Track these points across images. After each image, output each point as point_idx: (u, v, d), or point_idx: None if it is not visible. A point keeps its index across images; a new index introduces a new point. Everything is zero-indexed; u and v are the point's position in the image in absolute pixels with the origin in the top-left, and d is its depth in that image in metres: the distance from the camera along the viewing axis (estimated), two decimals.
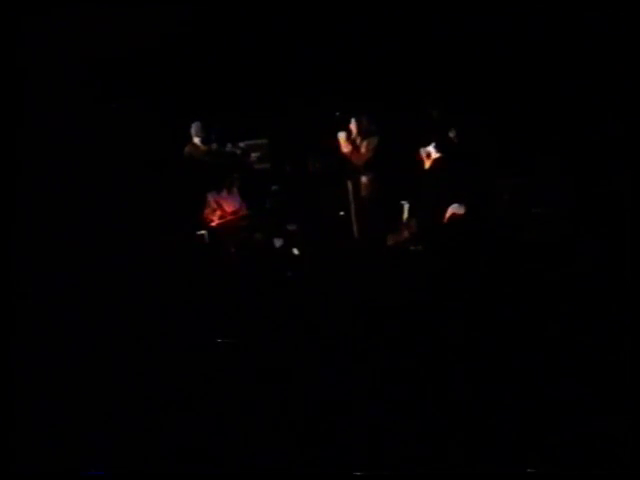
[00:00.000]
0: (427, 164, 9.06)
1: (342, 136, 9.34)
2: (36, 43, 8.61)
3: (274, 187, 10.04)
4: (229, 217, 9.09)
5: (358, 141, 9.28)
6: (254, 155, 10.13)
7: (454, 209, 8.19)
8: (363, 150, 9.25)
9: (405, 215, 9.15)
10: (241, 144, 9.94)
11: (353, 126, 9.29)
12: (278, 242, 8.87)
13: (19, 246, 6.05)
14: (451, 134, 8.93)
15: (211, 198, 9.15)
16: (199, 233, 8.90)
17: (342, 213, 9.22)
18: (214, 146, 9.46)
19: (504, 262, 5.82)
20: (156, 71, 9.88)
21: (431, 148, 8.96)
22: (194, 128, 9.46)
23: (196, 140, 9.46)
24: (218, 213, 9.11)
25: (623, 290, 4.73)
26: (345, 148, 9.32)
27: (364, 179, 9.26)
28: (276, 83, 9.91)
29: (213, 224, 9.03)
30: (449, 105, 9.08)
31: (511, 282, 5.38)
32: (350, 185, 9.17)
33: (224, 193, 9.20)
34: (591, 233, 6.30)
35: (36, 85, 8.79)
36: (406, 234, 9.07)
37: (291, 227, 8.96)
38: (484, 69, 9.24)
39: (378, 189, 9.39)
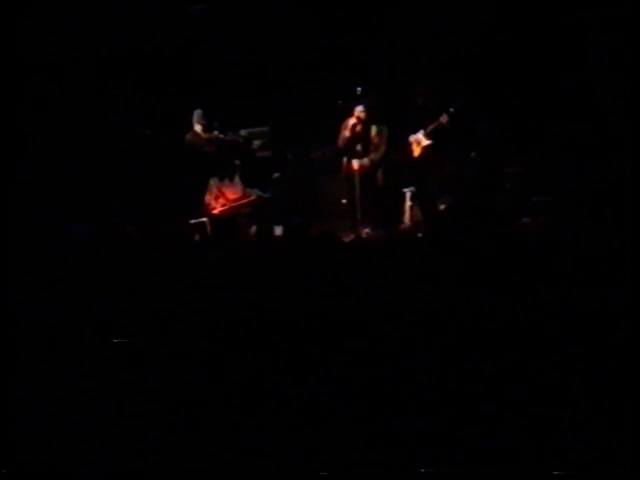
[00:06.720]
0: (417, 152, 9.00)
1: (350, 122, 9.14)
2: (37, 28, 8.61)
3: (276, 175, 10.03)
4: (231, 204, 9.09)
5: (368, 128, 9.10)
6: (256, 143, 10.12)
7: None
8: (375, 139, 9.08)
9: (408, 203, 9.13)
10: (243, 132, 9.93)
11: (362, 113, 9.06)
12: (279, 230, 8.84)
13: (18, 232, 6.05)
14: (442, 120, 8.82)
15: (213, 185, 9.15)
16: (201, 220, 8.91)
17: (344, 201, 9.17)
18: (216, 134, 9.43)
19: (505, 250, 5.79)
20: (158, 59, 9.86)
21: (420, 135, 8.90)
22: (196, 116, 9.43)
23: (197, 128, 9.42)
24: (220, 200, 9.11)
25: (625, 279, 4.70)
26: (352, 134, 9.12)
27: (368, 166, 9.13)
28: (278, 70, 9.88)
29: (215, 211, 9.04)
30: (440, 92, 8.99)
31: (512, 271, 5.35)
32: (355, 172, 9.07)
33: (226, 181, 9.21)
34: (592, 221, 6.26)
35: (37, 72, 8.79)
36: (409, 222, 9.05)
37: (293, 215, 8.91)
38: (480, 56, 9.17)
39: (381, 176, 9.34)
